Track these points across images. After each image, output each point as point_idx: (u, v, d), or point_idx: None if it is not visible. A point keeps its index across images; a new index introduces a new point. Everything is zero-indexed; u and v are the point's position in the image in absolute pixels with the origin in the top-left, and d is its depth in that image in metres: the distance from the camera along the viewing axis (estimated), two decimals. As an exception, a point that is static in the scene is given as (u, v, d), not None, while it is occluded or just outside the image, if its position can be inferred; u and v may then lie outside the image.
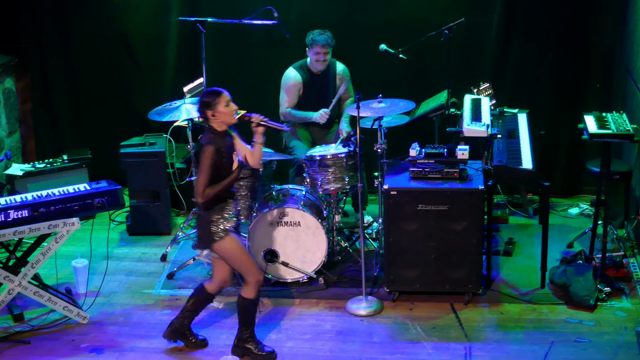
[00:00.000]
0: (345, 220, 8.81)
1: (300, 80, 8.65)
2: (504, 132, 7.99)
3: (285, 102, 8.69)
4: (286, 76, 8.70)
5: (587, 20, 9.09)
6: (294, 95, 8.67)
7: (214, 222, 6.55)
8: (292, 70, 8.69)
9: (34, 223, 7.05)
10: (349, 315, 7.40)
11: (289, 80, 8.67)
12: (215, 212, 6.56)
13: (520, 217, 9.10)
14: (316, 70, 8.66)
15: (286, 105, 8.68)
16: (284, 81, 8.69)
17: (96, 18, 9.70)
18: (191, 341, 6.97)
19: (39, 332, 7.28)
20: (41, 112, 10.01)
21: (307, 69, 8.68)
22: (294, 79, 8.65)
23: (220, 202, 6.58)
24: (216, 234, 6.55)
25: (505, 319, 7.30)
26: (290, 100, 8.67)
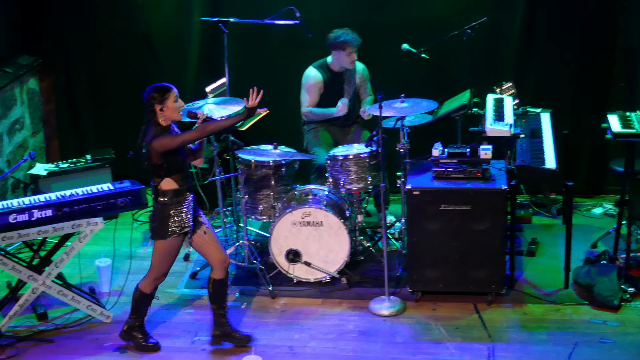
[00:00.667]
0: (367, 220, 8.80)
1: (320, 79, 8.64)
2: (527, 132, 7.96)
3: (306, 102, 8.69)
4: (307, 75, 8.70)
5: (610, 19, 9.04)
6: (315, 94, 8.67)
7: (170, 217, 6.63)
8: (312, 69, 8.69)
9: (58, 222, 7.09)
10: (371, 315, 7.39)
11: (310, 79, 8.67)
12: (173, 206, 6.63)
13: (544, 217, 9.06)
14: (338, 69, 8.66)
15: (307, 104, 8.68)
16: (305, 80, 8.69)
17: (119, 18, 9.72)
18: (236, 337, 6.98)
19: (63, 330, 7.32)
20: (65, 112, 10.04)
21: (328, 68, 8.68)
22: (314, 78, 8.65)
23: (179, 196, 6.63)
24: (170, 231, 6.66)
25: (528, 319, 7.27)
26: (311, 100, 8.66)
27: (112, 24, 9.74)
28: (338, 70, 8.67)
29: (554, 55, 9.18)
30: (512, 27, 9.20)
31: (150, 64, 9.82)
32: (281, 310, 7.52)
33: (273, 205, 7.98)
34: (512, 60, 9.27)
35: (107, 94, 9.99)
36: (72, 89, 9.98)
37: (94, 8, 9.72)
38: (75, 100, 10.00)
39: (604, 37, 9.08)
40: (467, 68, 8.45)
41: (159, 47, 9.79)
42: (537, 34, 9.18)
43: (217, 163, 8.31)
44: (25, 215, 7.00)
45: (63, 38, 9.81)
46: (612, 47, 9.12)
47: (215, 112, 7.88)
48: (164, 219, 6.64)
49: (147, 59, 9.81)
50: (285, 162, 8.02)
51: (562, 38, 9.13)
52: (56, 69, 9.94)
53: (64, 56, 9.88)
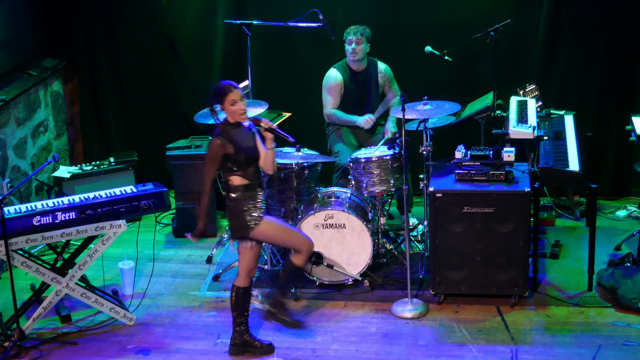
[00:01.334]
0: (390, 222, 8.79)
1: (341, 79, 8.65)
2: (551, 134, 7.93)
3: (329, 104, 8.69)
4: (327, 76, 8.71)
5: (636, 20, 8.99)
6: (337, 95, 8.68)
7: (246, 211, 6.61)
8: (332, 70, 8.70)
9: (81, 225, 7.12)
10: (394, 318, 7.38)
11: (330, 80, 8.68)
12: (245, 202, 6.60)
13: (567, 219, 9.02)
14: (356, 67, 8.66)
15: (330, 106, 8.68)
16: (326, 81, 8.70)
17: (143, 21, 9.76)
18: (257, 347, 6.96)
19: (86, 333, 7.35)
20: (89, 114, 10.09)
21: (348, 67, 8.69)
22: (334, 79, 8.66)
23: (250, 191, 6.62)
24: (251, 221, 6.61)
25: (552, 322, 7.25)
26: (333, 101, 8.67)
27: (137, 26, 9.78)
28: (357, 69, 8.68)
29: (578, 57, 9.15)
30: (536, 29, 9.17)
31: (174, 66, 9.85)
32: (304, 312, 7.52)
33: (296, 207, 7.98)
34: (535, 62, 9.24)
35: (131, 96, 10.03)
36: (97, 91, 10.02)
37: (119, 11, 9.76)
38: (99, 102, 10.04)
39: (628, 39, 9.04)
40: (490, 70, 8.43)
41: (183, 50, 9.82)
42: (561, 36, 9.14)
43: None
44: (49, 217, 7.03)
45: (88, 41, 9.85)
46: (637, 48, 9.06)
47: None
48: (240, 215, 6.64)
49: (171, 62, 9.85)
50: (308, 165, 8.02)
51: (586, 40, 9.09)
52: (81, 71, 9.99)
53: (89, 59, 9.92)
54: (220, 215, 9.29)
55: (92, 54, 9.91)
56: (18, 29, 9.10)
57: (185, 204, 8.92)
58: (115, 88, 10.01)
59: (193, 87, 9.84)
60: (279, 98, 9.28)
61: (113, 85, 10.00)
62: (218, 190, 9.03)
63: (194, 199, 8.89)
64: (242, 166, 6.60)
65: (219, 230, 9.05)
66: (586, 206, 8.86)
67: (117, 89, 10.01)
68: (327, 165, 8.58)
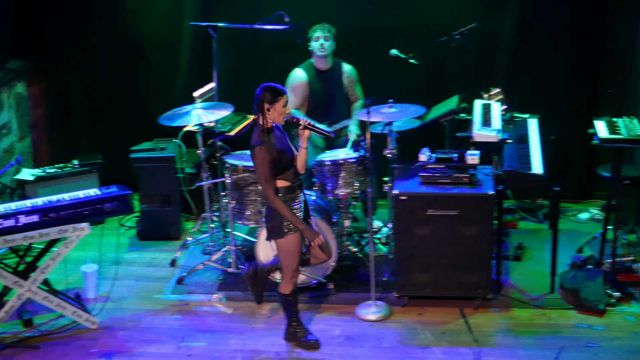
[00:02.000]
0: (355, 225, 8.80)
1: (305, 79, 8.67)
2: (515, 137, 7.96)
3: (290, 102, 8.70)
4: (291, 76, 8.72)
5: (601, 26, 9.06)
6: (299, 94, 8.69)
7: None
8: (297, 70, 8.72)
9: (44, 228, 7.07)
10: (358, 320, 7.39)
11: (294, 79, 8.70)
12: (286, 204, 6.61)
13: (531, 222, 9.07)
14: (321, 67, 8.68)
15: (291, 105, 8.70)
16: (289, 81, 8.71)
17: (111, 23, 9.72)
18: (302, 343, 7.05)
19: (49, 337, 7.30)
20: (56, 116, 10.03)
21: (313, 67, 8.71)
22: (298, 78, 8.68)
23: (292, 193, 6.65)
24: (287, 227, 6.63)
25: (515, 323, 7.28)
26: (295, 100, 8.68)
27: (105, 28, 9.75)
28: (323, 68, 8.69)
29: (543, 61, 9.20)
30: (502, 33, 9.21)
31: (141, 68, 9.83)
32: (268, 315, 7.51)
33: (260, 210, 7.97)
34: (500, 66, 9.29)
35: (98, 98, 9.99)
36: (64, 92, 9.98)
37: (87, 12, 9.72)
38: (67, 104, 10.00)
39: (593, 43, 9.10)
40: (455, 74, 8.45)
41: (150, 52, 9.80)
42: (526, 40, 9.19)
43: (204, 168, 8.30)
44: (12, 220, 6.98)
45: (57, 42, 9.81)
46: (601, 53, 9.13)
47: (203, 117, 7.88)
48: (279, 217, 6.63)
49: (138, 64, 9.82)
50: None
51: (550, 44, 9.15)
52: (49, 73, 9.94)
53: (57, 60, 9.88)
54: (185, 218, 9.27)
55: (60, 56, 9.86)
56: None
57: (149, 207, 8.89)
58: (82, 90, 9.97)
59: (159, 89, 9.82)
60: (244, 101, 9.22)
61: (81, 87, 9.96)
62: (182, 193, 9.04)
63: (158, 202, 8.86)
64: (284, 169, 6.60)
65: (183, 233, 9.02)
66: (549, 209, 8.91)
67: (84, 91, 9.98)
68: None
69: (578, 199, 9.45)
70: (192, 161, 9.24)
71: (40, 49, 9.86)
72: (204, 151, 8.24)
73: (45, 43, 9.83)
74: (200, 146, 8.20)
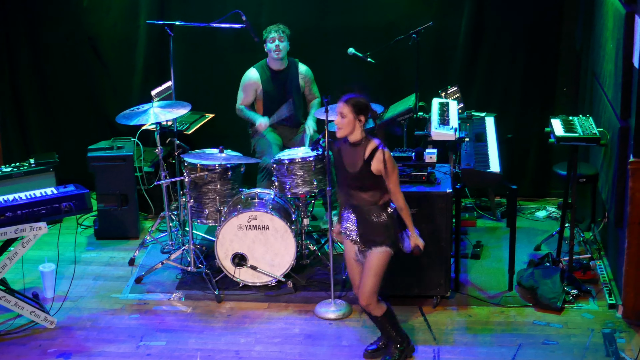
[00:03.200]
0: (314, 223, 8.81)
1: (257, 79, 8.68)
2: (472, 136, 8.02)
3: (240, 99, 8.77)
4: (245, 75, 8.75)
5: (555, 26, 9.14)
6: (250, 93, 8.72)
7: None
8: (252, 69, 8.73)
9: (1, 227, 7.00)
10: (317, 319, 7.40)
11: (247, 79, 8.72)
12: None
13: (488, 220, 9.13)
14: (277, 67, 8.68)
15: (240, 101, 8.75)
16: (243, 79, 8.74)
17: (65, 21, 9.65)
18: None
19: (6, 337, 7.24)
20: (9, 115, 9.93)
21: (268, 68, 8.71)
22: (250, 78, 8.70)
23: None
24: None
25: (473, 321, 7.32)
26: (245, 98, 8.72)
27: (59, 26, 9.67)
28: (278, 69, 8.70)
29: (499, 60, 9.27)
30: (458, 32, 9.26)
31: (97, 67, 9.77)
32: (227, 314, 7.50)
33: (219, 209, 7.96)
34: (457, 64, 9.34)
35: (53, 96, 9.91)
36: (17, 91, 9.88)
37: (40, 10, 9.63)
38: (19, 102, 9.91)
39: (549, 43, 9.17)
40: (413, 72, 8.48)
41: (106, 50, 9.73)
42: (482, 39, 9.25)
43: (162, 167, 8.27)
44: (-33, 219, 6.93)
45: (8, 39, 9.71)
46: (556, 53, 9.21)
47: (160, 116, 7.85)
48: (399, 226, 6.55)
49: (94, 62, 9.75)
50: (231, 166, 8.00)
51: (507, 43, 9.21)
52: (1, 71, 9.83)
53: (9, 58, 9.78)
54: (143, 217, 9.23)
55: (12, 54, 9.76)
56: None
57: (107, 206, 8.84)
58: (36, 88, 9.88)
59: (115, 88, 9.77)
60: (202, 99, 9.27)
61: (34, 86, 9.87)
62: (140, 192, 9.00)
63: (115, 201, 8.81)
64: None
65: (141, 232, 8.98)
66: (507, 207, 8.98)
67: (38, 89, 9.89)
68: (250, 167, 8.57)
69: (534, 197, 9.52)
70: (150, 160, 9.20)
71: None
72: (162, 150, 8.21)
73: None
74: (158, 145, 8.17)
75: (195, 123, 9.08)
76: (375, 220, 6.46)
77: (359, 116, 6.39)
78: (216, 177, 7.94)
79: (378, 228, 6.46)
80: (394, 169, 6.36)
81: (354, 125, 6.41)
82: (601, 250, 8.26)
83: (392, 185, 6.38)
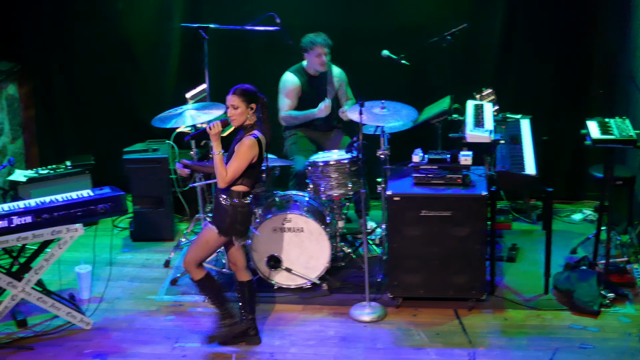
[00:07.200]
0: (348, 226, 8.79)
1: (298, 83, 8.64)
2: (507, 138, 7.98)
3: (285, 106, 8.67)
4: (284, 80, 8.70)
5: (590, 26, 9.09)
6: (294, 98, 8.67)
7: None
8: (289, 74, 8.70)
9: (38, 229, 7.06)
10: (352, 321, 7.39)
11: (288, 83, 8.67)
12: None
13: (524, 223, 9.09)
14: (314, 73, 8.67)
15: (286, 108, 8.67)
16: (283, 85, 8.69)
17: (99, 24, 9.69)
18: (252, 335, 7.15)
19: (43, 338, 7.28)
20: (44, 118, 10.01)
21: (304, 72, 8.68)
22: (292, 82, 8.65)
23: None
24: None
25: (508, 324, 7.29)
26: (291, 104, 8.66)
27: (92, 29, 9.71)
28: (314, 74, 8.69)
29: (534, 61, 9.22)
30: (492, 34, 9.23)
31: (131, 69, 9.80)
32: (262, 316, 7.50)
33: (253, 211, 7.97)
34: (492, 66, 9.30)
35: (87, 99, 9.96)
36: (51, 94, 9.95)
37: (73, 13, 9.69)
38: (54, 106, 9.97)
39: (583, 43, 9.13)
40: (447, 74, 8.46)
41: (139, 53, 9.77)
42: (517, 40, 9.21)
43: (197, 169, 8.29)
44: (5, 221, 6.96)
45: (43, 43, 9.77)
46: (591, 54, 9.16)
47: (197, 118, 7.88)
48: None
49: (127, 65, 9.79)
50: (265, 168, 8.01)
51: (541, 44, 9.17)
52: (35, 74, 9.91)
53: (44, 62, 9.84)
54: (178, 219, 9.26)
55: (47, 58, 9.83)
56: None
57: (142, 208, 8.88)
58: (70, 91, 9.94)
59: (150, 91, 9.80)
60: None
61: (68, 89, 9.93)
62: (175, 194, 9.04)
63: (150, 203, 8.85)
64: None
65: (176, 234, 9.01)
66: (542, 210, 8.94)
67: (72, 93, 9.94)
68: (285, 168, 8.58)
69: (570, 199, 9.47)
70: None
71: (26, 50, 9.81)
72: (197, 152, 8.23)
73: (32, 45, 9.78)
74: (193, 147, 8.19)
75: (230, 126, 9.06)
76: (222, 203, 6.74)
77: (250, 104, 6.70)
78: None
79: (219, 210, 6.77)
80: (242, 157, 6.65)
81: (246, 115, 6.69)
82: (638, 254, 8.18)
83: (229, 168, 6.65)
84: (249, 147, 6.62)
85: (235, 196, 6.70)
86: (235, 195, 6.70)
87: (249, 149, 6.62)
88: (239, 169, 6.62)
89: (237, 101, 6.69)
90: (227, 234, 6.78)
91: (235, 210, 6.70)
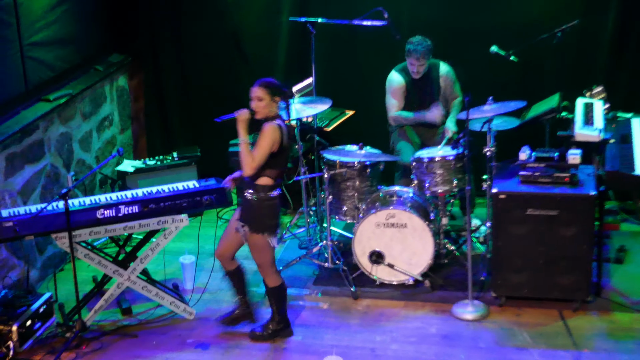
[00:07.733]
0: (452, 223, 8.72)
1: (403, 82, 8.58)
2: (617, 137, 7.81)
3: (393, 106, 8.62)
4: (390, 80, 8.65)
5: None
6: (401, 97, 8.61)
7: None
8: (394, 73, 8.64)
9: (144, 219, 7.18)
10: (454, 319, 7.33)
11: (393, 83, 8.61)
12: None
13: (633, 224, 8.89)
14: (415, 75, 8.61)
15: (395, 109, 8.62)
16: (389, 85, 8.64)
17: (208, 18, 9.80)
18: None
19: (146, 326, 7.41)
20: (153, 109, 10.16)
21: (409, 71, 8.61)
22: (397, 82, 8.59)
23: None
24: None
25: (615, 327, 7.15)
26: (398, 104, 8.60)
27: (201, 23, 9.82)
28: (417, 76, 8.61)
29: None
30: (604, 31, 9.04)
31: (239, 63, 9.88)
32: (363, 311, 7.50)
33: (357, 206, 7.96)
34: (603, 64, 9.12)
35: (195, 92, 10.08)
36: (161, 86, 10.09)
37: (184, 7, 9.81)
38: (163, 98, 10.11)
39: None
40: (556, 71, 8.33)
41: (247, 47, 9.84)
42: (630, 38, 9.01)
43: (302, 162, 8.33)
44: (112, 210, 7.10)
45: (154, 37, 9.92)
46: None
47: (302, 112, 7.90)
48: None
49: (235, 58, 9.87)
50: (370, 163, 7.99)
51: (655, 42, 8.97)
52: (146, 67, 10.07)
53: (154, 55, 10.00)
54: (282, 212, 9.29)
55: (157, 51, 9.98)
56: (85, 25, 9.18)
57: (246, 200, 8.93)
58: (179, 84, 10.07)
59: (257, 84, 9.86)
60: (342, 96, 9.25)
61: (177, 81, 10.06)
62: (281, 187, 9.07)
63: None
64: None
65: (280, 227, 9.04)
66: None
67: (181, 85, 10.07)
68: (390, 165, 8.54)
69: (682, 201, 9.23)
70: (290, 156, 9.24)
71: (137, 43, 9.98)
72: (302, 146, 8.26)
73: (142, 38, 9.95)
74: (298, 141, 8.22)
75: (335, 120, 9.08)
76: (248, 199, 6.84)
77: (274, 97, 6.77)
78: (355, 174, 7.95)
79: (247, 207, 6.88)
80: (263, 141, 6.72)
81: (270, 107, 6.78)
82: None
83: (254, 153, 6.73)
84: (269, 132, 6.70)
85: (261, 190, 6.79)
86: (261, 189, 6.78)
87: (269, 133, 6.70)
88: (262, 154, 6.71)
89: (262, 93, 6.77)
90: (259, 230, 6.83)
91: (262, 204, 6.78)
